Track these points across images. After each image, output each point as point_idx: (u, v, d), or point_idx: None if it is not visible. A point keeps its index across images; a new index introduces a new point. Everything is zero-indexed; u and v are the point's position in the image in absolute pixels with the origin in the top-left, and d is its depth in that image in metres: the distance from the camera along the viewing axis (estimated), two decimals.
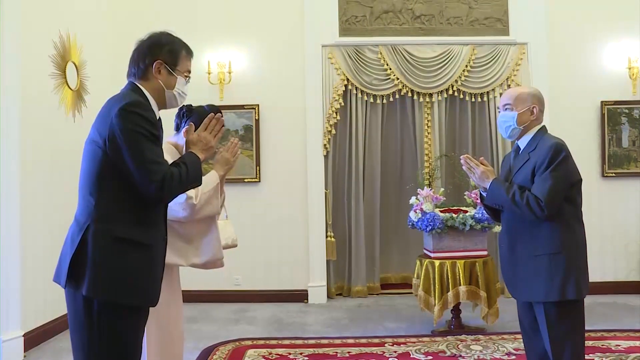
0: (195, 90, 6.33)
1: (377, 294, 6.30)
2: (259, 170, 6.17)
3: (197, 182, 2.23)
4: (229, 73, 6.15)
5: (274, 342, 4.63)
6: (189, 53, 2.32)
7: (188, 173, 2.11)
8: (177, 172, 2.07)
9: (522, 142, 2.85)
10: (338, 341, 4.61)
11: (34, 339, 4.55)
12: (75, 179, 2.19)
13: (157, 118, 2.16)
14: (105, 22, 6.03)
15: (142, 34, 2.31)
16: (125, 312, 2.03)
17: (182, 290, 2.96)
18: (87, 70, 5.51)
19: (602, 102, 6.28)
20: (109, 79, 6.02)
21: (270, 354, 4.33)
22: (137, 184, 2.01)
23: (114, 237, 2.01)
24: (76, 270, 1.99)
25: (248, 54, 6.27)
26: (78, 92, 5.37)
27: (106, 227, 2.01)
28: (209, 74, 6.12)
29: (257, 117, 6.19)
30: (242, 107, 6.20)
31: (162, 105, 2.25)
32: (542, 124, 2.84)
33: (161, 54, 2.20)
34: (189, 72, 2.31)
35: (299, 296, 6.12)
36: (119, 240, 2.01)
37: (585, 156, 6.08)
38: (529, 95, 2.81)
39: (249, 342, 4.62)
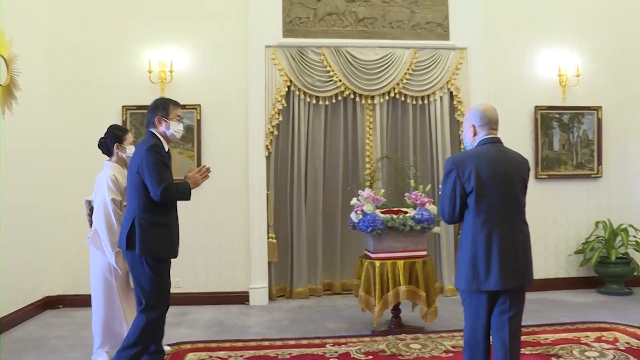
0: (135, 89, 6.25)
1: (319, 296, 6.31)
2: None
3: (186, 198, 3.57)
4: (171, 72, 6.01)
5: (214, 345, 4.56)
6: (176, 104, 3.67)
7: (179, 190, 3.51)
8: (174, 187, 3.47)
9: None
10: (279, 342, 4.60)
11: None
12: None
13: (167, 150, 3.60)
14: (39, 16, 5.78)
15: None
16: (157, 261, 3.50)
17: None
18: (19, 65, 5.27)
19: (535, 107, 6.52)
20: (43, 75, 5.80)
21: (210, 357, 4.27)
22: (150, 189, 3.41)
23: (149, 222, 3.46)
24: (130, 241, 3.46)
25: (190, 53, 6.16)
26: (8, 87, 5.12)
27: (145, 216, 3.46)
28: (150, 72, 5.96)
29: (198, 118, 6.08)
30: (183, 107, 5.91)
31: (168, 141, 3.63)
32: (480, 138, 3.06)
33: (158, 112, 3.58)
34: (179, 116, 3.65)
35: (240, 298, 6.07)
36: (152, 223, 3.47)
37: None
38: (467, 115, 3.14)
39: (189, 346, 4.53)
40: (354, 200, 4.96)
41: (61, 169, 5.98)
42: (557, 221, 6.60)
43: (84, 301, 5.76)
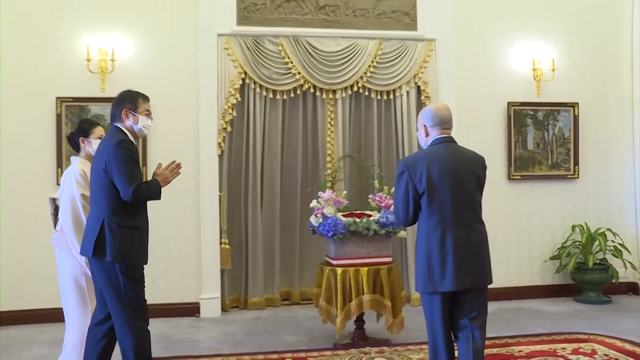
0: (71, 79, 5.88)
1: (276, 306, 6.11)
2: (146, 171, 5.68)
3: (156, 197, 3.39)
4: (112, 61, 5.65)
5: None
6: (145, 98, 3.48)
7: (150, 189, 3.34)
8: (145, 185, 3.31)
9: None
10: (233, 358, 4.45)
11: None
12: None
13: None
14: None
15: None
16: (131, 268, 3.29)
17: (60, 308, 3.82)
18: None
19: (508, 102, 6.36)
20: None
21: None
22: (120, 188, 3.21)
23: (119, 225, 3.25)
24: (99, 247, 3.24)
25: (134, 40, 5.80)
26: None
27: (115, 218, 3.25)
28: (89, 61, 5.57)
29: None
30: None
31: (136, 136, 3.45)
32: (433, 138, 3.12)
33: (125, 104, 3.41)
34: (149, 110, 3.48)
35: (190, 310, 5.82)
36: (123, 226, 3.26)
37: (492, 157, 6.08)
38: (419, 116, 3.23)
39: None
40: (313, 203, 4.82)
41: None
42: (531, 225, 6.44)
43: (6, 319, 5.39)
